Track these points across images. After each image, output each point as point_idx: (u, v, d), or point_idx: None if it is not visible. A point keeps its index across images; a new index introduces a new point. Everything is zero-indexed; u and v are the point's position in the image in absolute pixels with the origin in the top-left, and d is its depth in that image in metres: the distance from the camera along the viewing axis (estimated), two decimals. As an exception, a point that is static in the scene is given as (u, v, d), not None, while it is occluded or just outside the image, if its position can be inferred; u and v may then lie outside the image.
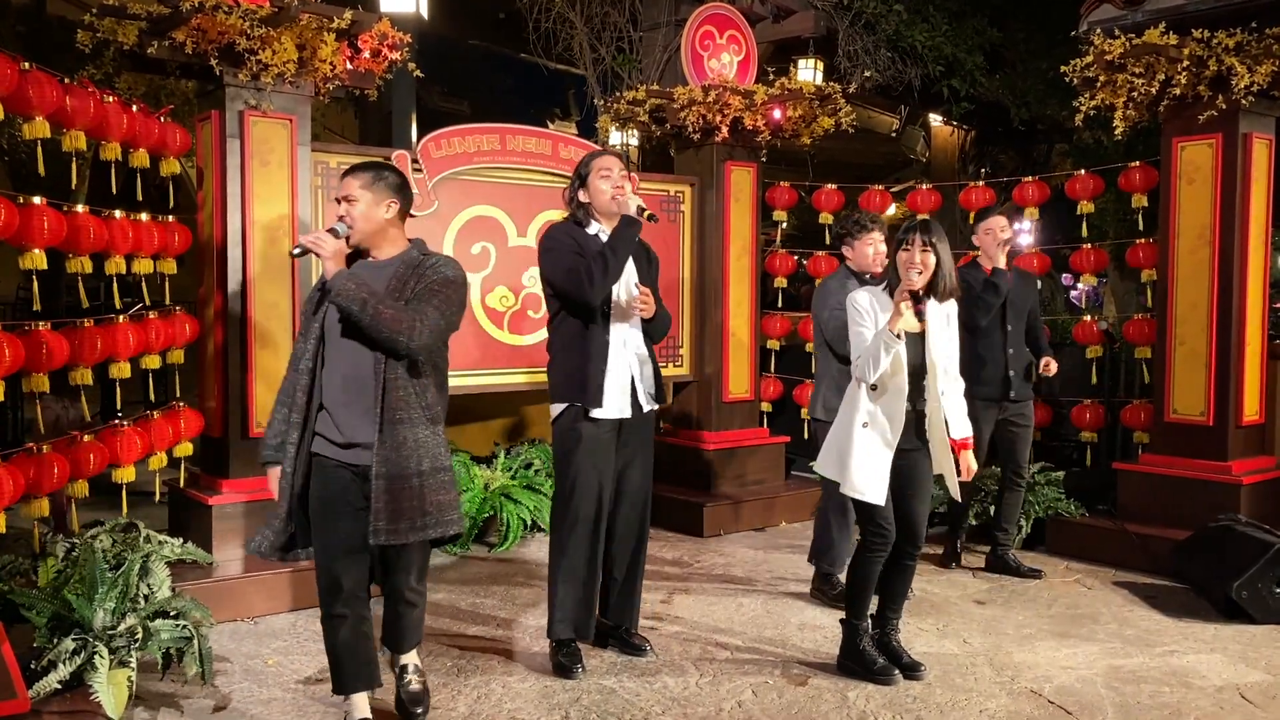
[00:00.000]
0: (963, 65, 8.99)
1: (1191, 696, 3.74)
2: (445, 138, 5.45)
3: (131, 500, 4.56)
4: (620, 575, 4.05)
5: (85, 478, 4.11)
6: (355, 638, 3.22)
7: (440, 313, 3.13)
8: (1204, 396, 5.38)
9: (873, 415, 3.72)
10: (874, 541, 3.81)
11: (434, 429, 3.19)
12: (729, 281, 6.48)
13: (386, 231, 3.24)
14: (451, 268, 3.24)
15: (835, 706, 3.63)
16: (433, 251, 3.33)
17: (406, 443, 3.10)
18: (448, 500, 3.16)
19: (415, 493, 3.10)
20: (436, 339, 3.14)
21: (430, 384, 3.21)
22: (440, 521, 3.14)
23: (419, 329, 3.06)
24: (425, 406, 3.16)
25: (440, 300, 3.15)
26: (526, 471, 6.16)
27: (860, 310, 3.77)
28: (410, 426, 3.12)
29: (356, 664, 3.25)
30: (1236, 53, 5.01)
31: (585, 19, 8.39)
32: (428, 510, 3.11)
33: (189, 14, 4.31)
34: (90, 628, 3.55)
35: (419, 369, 3.16)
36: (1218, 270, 5.34)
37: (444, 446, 3.21)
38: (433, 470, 3.13)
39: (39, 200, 3.79)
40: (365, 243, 3.25)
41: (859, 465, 3.71)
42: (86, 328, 4.10)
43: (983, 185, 6.65)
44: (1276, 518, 5.23)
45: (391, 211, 3.23)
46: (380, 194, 3.20)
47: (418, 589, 3.36)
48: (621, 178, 3.85)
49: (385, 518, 3.07)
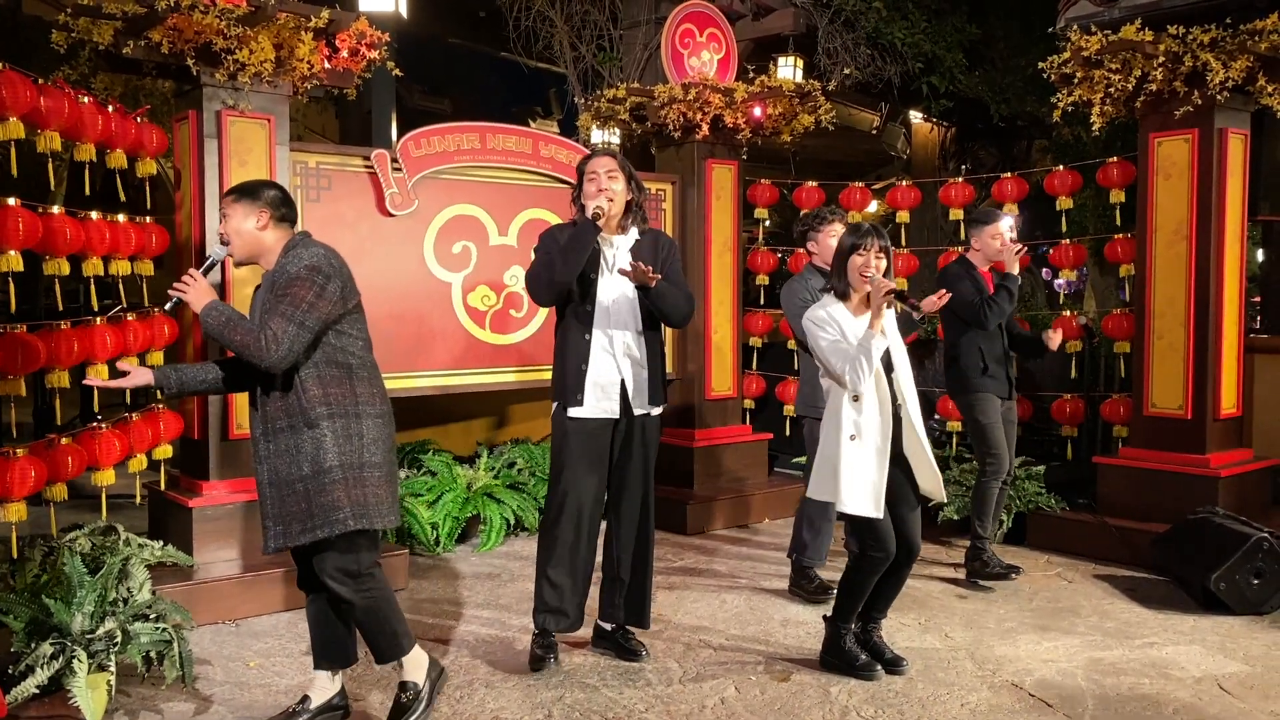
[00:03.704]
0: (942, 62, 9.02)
1: (1170, 687, 3.77)
2: (425, 137, 5.43)
3: (111, 503, 4.53)
4: (626, 577, 4.04)
5: (63, 481, 4.08)
6: (320, 614, 3.38)
7: (287, 318, 3.06)
8: (1182, 390, 5.42)
9: (859, 426, 3.69)
10: (874, 556, 3.76)
11: (314, 432, 3.13)
12: (711, 279, 6.48)
13: (262, 244, 3.24)
14: (297, 262, 3.14)
15: (818, 702, 3.65)
16: (302, 244, 3.22)
17: (287, 450, 3.15)
18: (331, 501, 3.12)
19: (300, 496, 3.13)
20: (293, 344, 3.06)
21: (309, 386, 3.14)
22: (327, 522, 3.12)
23: (266, 345, 3.03)
24: (301, 411, 3.14)
25: (286, 304, 3.08)
26: (509, 471, 6.15)
27: (822, 323, 3.75)
28: (291, 434, 3.14)
29: (320, 641, 3.41)
30: (1212, 49, 5.05)
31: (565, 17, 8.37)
32: (314, 512, 3.12)
33: (165, 13, 4.28)
34: (69, 632, 3.53)
35: (290, 376, 3.15)
36: (1195, 265, 5.38)
37: (327, 447, 3.13)
38: (314, 474, 3.13)
39: (14, 202, 3.76)
40: (250, 259, 3.29)
41: (851, 480, 3.67)
42: (63, 330, 4.07)
43: (963, 181, 6.68)
44: (1254, 510, 5.28)
45: (262, 223, 3.22)
46: (247, 208, 3.22)
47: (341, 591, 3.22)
48: (608, 179, 3.82)
49: (279, 522, 3.17)
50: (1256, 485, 5.60)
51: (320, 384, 3.16)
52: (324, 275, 3.13)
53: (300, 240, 3.24)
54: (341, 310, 3.20)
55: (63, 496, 4.11)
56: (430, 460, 6.04)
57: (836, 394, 3.77)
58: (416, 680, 3.40)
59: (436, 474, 5.90)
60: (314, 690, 3.42)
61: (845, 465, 3.67)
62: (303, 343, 3.09)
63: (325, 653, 3.42)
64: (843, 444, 3.69)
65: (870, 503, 3.66)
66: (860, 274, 3.72)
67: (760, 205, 7.08)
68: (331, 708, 3.42)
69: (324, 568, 3.21)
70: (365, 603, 3.25)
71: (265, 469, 3.19)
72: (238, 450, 4.74)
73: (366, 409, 3.23)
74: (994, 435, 5.04)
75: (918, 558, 3.91)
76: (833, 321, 3.75)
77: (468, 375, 5.67)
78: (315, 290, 3.10)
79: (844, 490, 3.67)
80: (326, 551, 3.19)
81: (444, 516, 5.57)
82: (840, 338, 3.72)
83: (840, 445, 3.69)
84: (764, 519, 6.42)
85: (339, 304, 3.18)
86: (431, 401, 5.98)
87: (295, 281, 3.10)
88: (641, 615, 4.08)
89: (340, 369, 3.20)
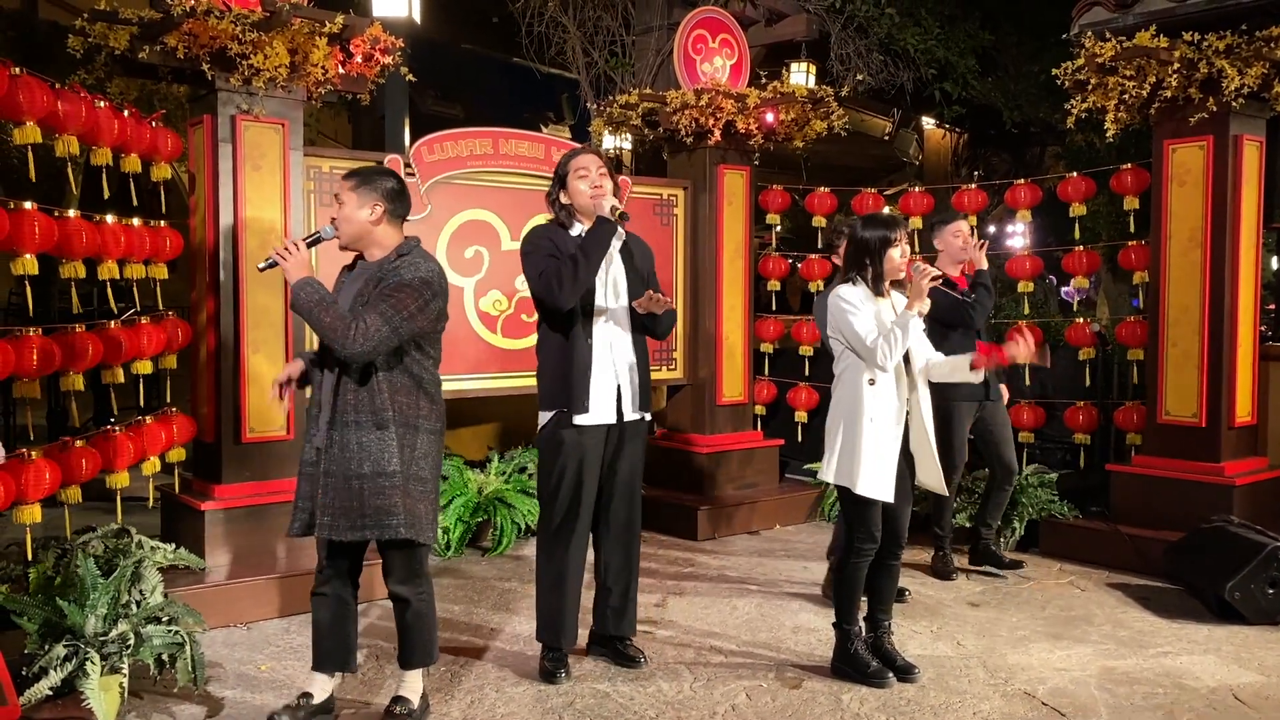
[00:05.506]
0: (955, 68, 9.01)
1: (1185, 697, 3.74)
2: (438, 142, 5.45)
3: (125, 506, 4.54)
4: (613, 584, 4.01)
5: (78, 483, 4.10)
6: (333, 619, 3.39)
7: (384, 318, 3.11)
8: (1196, 398, 5.39)
9: (876, 410, 3.75)
10: (863, 546, 3.81)
11: (382, 434, 3.18)
12: (722, 285, 6.48)
13: (372, 234, 3.27)
14: (412, 270, 3.20)
15: (829, 709, 3.63)
16: (418, 253, 3.29)
17: (350, 445, 3.18)
18: (386, 505, 3.17)
19: (355, 494, 3.17)
20: (379, 344, 3.11)
21: (383, 388, 3.20)
22: (378, 524, 3.18)
23: (354, 335, 3.07)
24: (373, 411, 3.18)
25: (389, 305, 3.13)
26: (520, 475, 6.15)
27: (852, 303, 3.80)
28: (356, 430, 3.18)
29: (329, 644, 3.40)
30: (1227, 55, 5.02)
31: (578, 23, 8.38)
32: (366, 512, 3.17)
33: (180, 19, 4.30)
34: (82, 634, 3.54)
35: (369, 373, 3.18)
36: (1209, 272, 5.35)
37: (392, 451, 3.18)
38: (373, 475, 3.17)
39: (30, 205, 3.78)
40: (353, 245, 3.31)
41: (869, 463, 3.71)
42: (78, 333, 4.09)
43: (975, 188, 6.66)
44: (1269, 518, 5.24)
45: (376, 214, 3.25)
46: (365, 197, 3.25)
47: (402, 591, 3.35)
48: (600, 176, 3.77)
49: (329, 513, 3.20)
50: (1271, 494, 5.56)
51: (392, 389, 3.22)
52: (432, 292, 3.21)
53: (415, 247, 3.30)
54: (433, 329, 3.28)
55: (77, 499, 4.13)
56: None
57: (852, 379, 3.81)
58: (412, 702, 3.43)
59: (448, 478, 5.90)
60: (315, 688, 3.43)
61: (866, 448, 3.71)
62: (388, 347, 3.15)
63: (330, 657, 3.43)
64: (864, 427, 3.73)
65: (885, 487, 3.72)
66: (903, 266, 3.83)
67: (772, 211, 7.07)
68: (326, 709, 3.45)
69: (393, 567, 3.31)
70: (420, 606, 3.38)
71: (324, 458, 3.22)
72: (250, 453, 4.75)
73: (424, 423, 3.29)
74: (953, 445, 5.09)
75: (904, 548, 3.95)
76: (861, 301, 3.81)
77: (480, 380, 5.68)
78: (420, 303, 3.17)
79: (861, 473, 3.71)
80: (395, 551, 3.28)
81: (455, 521, 5.57)
82: (867, 314, 3.77)
83: (861, 428, 3.74)
84: (775, 525, 6.41)
85: (434, 322, 3.26)
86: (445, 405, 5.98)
87: (405, 287, 3.16)
88: (626, 625, 4.05)
89: (412, 380, 3.27)
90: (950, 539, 5.33)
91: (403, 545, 3.28)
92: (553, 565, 3.88)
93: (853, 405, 3.79)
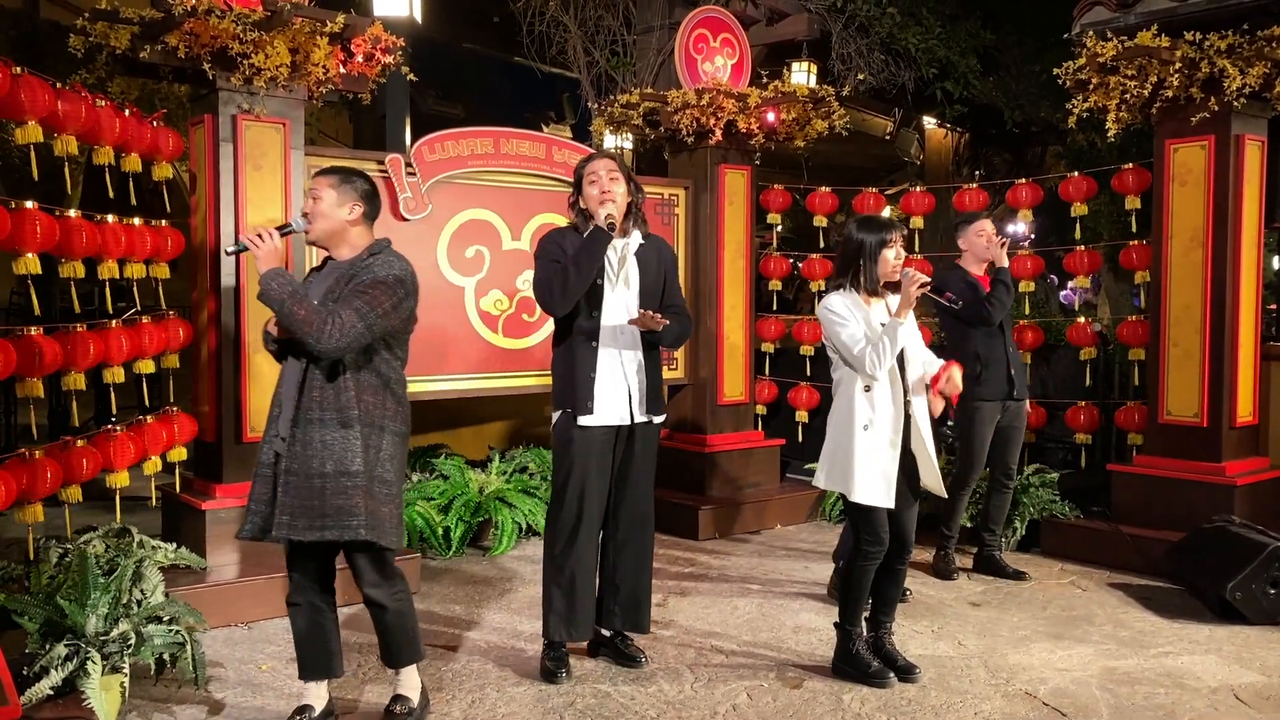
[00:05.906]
0: (956, 68, 9.00)
1: (1186, 698, 3.74)
2: (439, 141, 5.45)
3: (126, 505, 4.54)
4: (624, 584, 4.02)
5: (79, 483, 4.10)
6: (310, 627, 3.33)
7: (359, 315, 3.09)
8: (1198, 398, 5.39)
9: (872, 417, 3.73)
10: (870, 550, 3.80)
11: (346, 433, 3.13)
12: (723, 284, 6.48)
13: (346, 233, 3.27)
14: (386, 268, 3.19)
15: (830, 709, 3.63)
16: (390, 252, 3.28)
17: (313, 443, 3.13)
18: (347, 505, 3.11)
19: (316, 493, 3.11)
20: (354, 340, 3.08)
21: (350, 386, 3.15)
22: (339, 525, 3.11)
23: (329, 330, 3.04)
24: (339, 409, 3.14)
25: (363, 301, 3.11)
26: (521, 475, 6.15)
27: (839, 313, 3.78)
28: (320, 428, 3.13)
29: (310, 652, 3.36)
30: (1228, 55, 5.02)
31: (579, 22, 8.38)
32: (326, 512, 3.11)
33: (181, 18, 4.30)
34: (83, 633, 3.54)
35: (337, 370, 3.15)
36: (1211, 272, 5.35)
37: (356, 450, 3.13)
38: (335, 474, 3.11)
39: (31, 205, 3.78)
40: (325, 242, 3.29)
41: (864, 469, 3.71)
42: (79, 332, 4.09)
43: (976, 187, 6.66)
44: (1270, 518, 5.24)
45: (354, 214, 3.25)
46: (345, 195, 3.25)
47: (376, 595, 3.29)
48: (610, 181, 3.78)
49: (288, 512, 3.13)
50: (1273, 493, 5.55)
51: (359, 388, 3.19)
52: (405, 290, 3.20)
53: (387, 247, 3.30)
54: (404, 329, 3.27)
55: (78, 498, 4.13)
56: (442, 464, 6.05)
57: (848, 386, 3.80)
58: (412, 700, 3.42)
59: (449, 478, 5.91)
60: (311, 698, 3.39)
61: (859, 455, 3.71)
62: (360, 344, 3.13)
63: (314, 666, 3.38)
64: (857, 434, 3.72)
65: (882, 493, 3.72)
66: (899, 268, 3.80)
67: (773, 210, 7.07)
68: (329, 714, 3.41)
69: (361, 572, 3.26)
70: (397, 606, 3.33)
71: (285, 456, 3.15)
72: (251, 453, 4.73)
73: (390, 424, 3.26)
74: (974, 447, 5.13)
75: (911, 553, 3.94)
76: (850, 310, 3.79)
77: (481, 379, 5.67)
78: (394, 301, 3.16)
79: (856, 480, 3.71)
80: (360, 555, 3.23)
81: (456, 520, 5.57)
82: (856, 323, 3.76)
83: (854, 436, 3.73)
84: (776, 525, 6.41)
85: (405, 322, 3.25)
86: (443, 405, 5.99)
87: (380, 284, 3.15)
88: (641, 620, 4.06)
89: (380, 380, 3.24)
90: (955, 540, 5.31)
91: (366, 548, 3.21)
92: (558, 561, 3.89)
93: (847, 412, 3.78)
